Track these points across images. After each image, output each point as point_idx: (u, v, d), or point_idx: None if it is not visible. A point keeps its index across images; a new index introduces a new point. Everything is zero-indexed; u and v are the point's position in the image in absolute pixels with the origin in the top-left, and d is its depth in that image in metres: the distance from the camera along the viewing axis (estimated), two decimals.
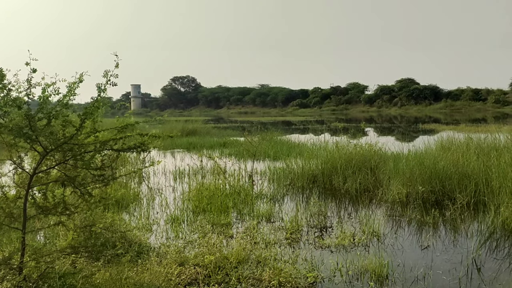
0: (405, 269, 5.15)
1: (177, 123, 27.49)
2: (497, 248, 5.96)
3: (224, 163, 12.08)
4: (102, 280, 4.25)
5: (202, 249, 5.61)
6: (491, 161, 8.62)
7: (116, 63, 3.91)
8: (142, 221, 7.25)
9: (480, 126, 26.60)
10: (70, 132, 4.04)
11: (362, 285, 4.74)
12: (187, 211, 7.86)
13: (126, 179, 10.83)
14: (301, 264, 5.30)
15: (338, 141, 12.02)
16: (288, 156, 13.47)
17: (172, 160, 15.53)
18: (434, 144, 12.16)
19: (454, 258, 5.55)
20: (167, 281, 4.48)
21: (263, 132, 21.20)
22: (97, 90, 3.94)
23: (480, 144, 10.96)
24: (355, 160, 10.24)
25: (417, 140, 21.19)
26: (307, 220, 7.27)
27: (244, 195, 8.80)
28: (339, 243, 6.07)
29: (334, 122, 41.08)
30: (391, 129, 34.69)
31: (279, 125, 39.64)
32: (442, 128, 29.75)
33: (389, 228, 6.92)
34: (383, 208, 8.14)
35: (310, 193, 9.60)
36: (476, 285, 4.75)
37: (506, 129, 19.82)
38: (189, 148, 19.19)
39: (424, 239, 6.35)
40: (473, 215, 7.53)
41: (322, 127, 35.62)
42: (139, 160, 13.34)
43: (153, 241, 6.23)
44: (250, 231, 6.61)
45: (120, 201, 8.23)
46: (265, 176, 11.58)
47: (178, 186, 10.66)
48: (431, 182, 8.48)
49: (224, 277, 4.87)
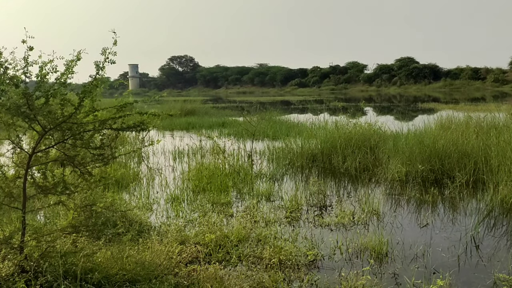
0: (405, 247, 5.18)
1: (176, 103, 27.37)
2: (495, 225, 6.00)
3: (223, 143, 12.06)
4: (104, 259, 4.27)
5: (203, 228, 5.63)
6: (490, 140, 8.61)
7: (114, 40, 3.86)
8: (142, 200, 7.26)
9: (479, 105, 26.53)
10: (69, 111, 4.00)
11: (361, 263, 4.77)
12: (187, 190, 7.88)
13: (126, 159, 10.82)
14: (301, 242, 5.33)
15: (337, 121, 11.99)
16: (287, 136, 13.45)
17: (171, 140, 15.51)
18: (434, 123, 12.13)
19: (453, 236, 5.58)
20: (168, 259, 4.50)
21: (262, 112, 21.13)
22: (95, 68, 3.89)
23: (480, 123, 10.96)
24: (355, 140, 10.23)
25: (417, 119, 21.15)
26: (307, 199, 7.29)
27: (243, 175, 8.81)
28: (339, 221, 6.09)
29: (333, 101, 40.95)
30: (390, 108, 34.62)
31: (278, 105, 39.50)
32: (442, 107, 29.67)
33: (388, 206, 6.95)
34: (383, 186, 8.16)
35: (310, 173, 9.61)
36: (475, 262, 4.79)
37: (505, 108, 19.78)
38: (188, 128, 19.15)
39: (423, 217, 6.39)
40: (472, 193, 7.55)
41: (321, 107, 35.52)
42: (138, 140, 13.32)
43: (153, 220, 6.25)
44: (250, 210, 6.63)
45: (120, 181, 8.24)
46: (264, 155, 11.58)
47: (178, 165, 10.67)
48: (430, 161, 8.49)
49: (224, 255, 4.89)
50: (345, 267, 4.69)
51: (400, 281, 4.34)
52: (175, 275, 4.30)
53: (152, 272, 4.14)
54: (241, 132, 15.41)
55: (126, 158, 10.87)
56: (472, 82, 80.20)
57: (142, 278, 4.05)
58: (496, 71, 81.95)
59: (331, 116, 19.33)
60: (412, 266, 4.67)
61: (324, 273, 4.54)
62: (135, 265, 4.17)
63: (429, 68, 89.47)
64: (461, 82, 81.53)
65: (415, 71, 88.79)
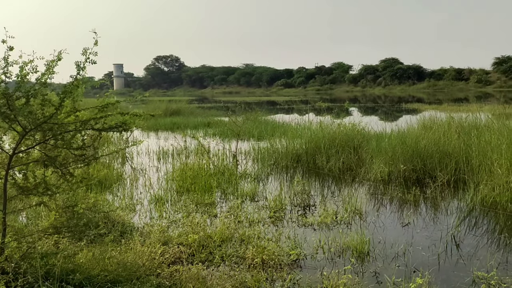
0: (386, 246, 5.24)
1: (161, 103, 27.25)
2: (476, 225, 6.10)
3: (208, 143, 12.05)
4: (85, 259, 4.25)
5: (186, 228, 5.63)
6: (472, 140, 8.75)
7: (95, 40, 3.84)
8: (125, 201, 7.23)
9: (462, 106, 26.84)
10: (50, 112, 3.97)
11: (343, 262, 4.82)
12: (171, 191, 7.86)
13: (109, 159, 10.75)
14: (284, 242, 5.36)
15: (322, 121, 12.06)
16: (273, 136, 13.48)
17: (156, 141, 15.44)
18: (417, 123, 12.28)
19: (434, 234, 5.66)
20: (150, 260, 4.49)
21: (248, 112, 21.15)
22: (76, 68, 3.87)
23: (461, 123, 11.11)
24: (339, 140, 10.30)
25: (400, 119, 21.37)
26: (291, 199, 7.33)
27: (228, 175, 8.82)
28: (322, 221, 6.14)
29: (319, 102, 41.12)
30: (374, 109, 34.91)
31: (263, 105, 39.57)
32: (425, 107, 30.01)
33: (371, 206, 7.02)
34: (366, 186, 8.24)
35: (294, 173, 9.66)
36: (455, 260, 4.86)
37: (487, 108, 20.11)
38: (173, 128, 19.08)
39: (405, 216, 6.47)
40: (453, 192, 7.67)
41: (307, 107, 35.66)
42: (122, 141, 13.23)
43: (136, 221, 6.23)
44: (234, 210, 6.65)
45: (103, 182, 8.18)
46: (249, 155, 11.60)
47: (162, 166, 10.63)
48: (412, 160, 8.60)
49: (207, 256, 4.90)
50: (327, 266, 4.73)
51: (381, 279, 4.39)
52: (158, 275, 4.29)
53: (134, 273, 4.13)
54: (226, 132, 15.42)
55: (109, 159, 10.80)
56: (455, 83, 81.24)
57: (124, 279, 4.04)
58: (479, 72, 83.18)
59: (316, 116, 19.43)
60: (393, 264, 4.73)
61: (306, 272, 4.58)
62: (117, 266, 4.16)
63: (413, 69, 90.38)
64: (444, 82, 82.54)
65: (400, 72, 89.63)
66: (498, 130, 8.32)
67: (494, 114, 15.44)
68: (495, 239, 5.56)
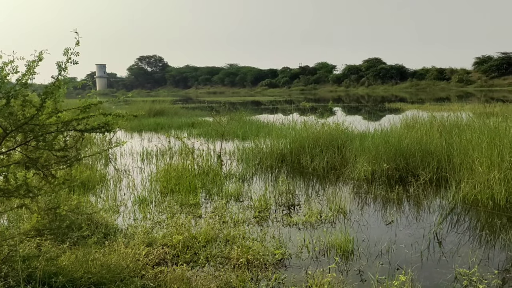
0: (370, 244, 5.29)
1: (144, 104, 27.08)
2: (457, 222, 6.18)
3: (192, 144, 12.01)
4: (68, 262, 4.20)
5: (171, 229, 5.60)
6: (453, 139, 8.87)
7: (76, 40, 3.80)
8: (109, 202, 7.16)
9: (443, 105, 27.25)
10: (31, 113, 3.91)
11: (328, 261, 4.85)
12: (155, 192, 7.82)
13: (92, 160, 10.65)
14: (269, 241, 5.37)
15: (306, 121, 12.11)
16: (257, 136, 13.50)
17: (140, 141, 15.33)
18: (399, 122, 12.41)
19: (416, 232, 5.72)
20: (134, 261, 4.46)
21: (232, 112, 21.14)
22: (57, 68, 3.82)
23: (443, 123, 11.26)
24: (323, 139, 10.36)
25: (383, 119, 21.57)
26: (276, 198, 7.35)
27: (212, 175, 8.80)
28: (307, 220, 6.17)
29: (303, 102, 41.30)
30: (358, 109, 35.17)
31: (248, 105, 39.56)
32: (408, 107, 30.34)
33: (355, 205, 7.07)
34: (350, 185, 8.30)
35: (279, 172, 9.68)
36: (437, 258, 4.93)
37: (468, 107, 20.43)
38: (157, 129, 18.96)
39: (389, 214, 6.53)
40: (435, 191, 7.77)
41: (291, 107, 35.76)
42: (105, 142, 13.11)
43: (120, 223, 6.17)
44: (219, 211, 6.64)
45: (86, 183, 8.10)
46: (234, 156, 11.60)
47: (146, 167, 10.56)
48: (395, 159, 8.69)
49: (192, 256, 4.89)
50: (312, 265, 4.75)
51: (364, 277, 4.43)
52: (142, 277, 4.26)
53: (118, 275, 4.09)
54: (210, 132, 15.38)
55: (92, 160, 10.70)
56: (437, 83, 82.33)
57: (108, 281, 4.00)
58: (460, 71, 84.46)
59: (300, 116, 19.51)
60: (376, 262, 4.77)
61: (291, 271, 4.59)
62: (100, 268, 4.12)
63: (396, 68, 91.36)
64: (426, 82, 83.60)
65: (383, 71, 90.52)
66: (478, 129, 8.46)
67: (475, 113, 15.70)
68: (476, 236, 5.64)
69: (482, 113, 15.12)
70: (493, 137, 7.42)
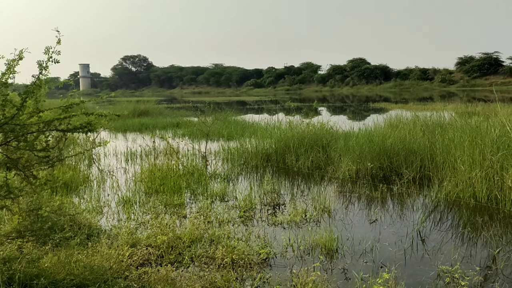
0: (354, 243, 5.32)
1: (129, 104, 26.87)
2: (440, 220, 6.26)
3: (177, 144, 11.96)
4: (50, 264, 4.14)
5: (155, 229, 5.56)
6: (436, 138, 8.97)
7: (58, 39, 3.75)
8: (92, 203, 7.08)
9: (427, 105, 27.55)
10: (11, 112, 3.85)
11: (313, 259, 4.86)
12: (139, 192, 7.76)
13: (75, 161, 10.53)
14: (254, 241, 5.36)
15: (291, 121, 12.14)
16: (242, 136, 13.49)
17: (124, 142, 15.21)
18: (383, 122, 12.51)
19: (400, 230, 5.78)
20: (118, 262, 4.42)
21: (217, 112, 21.08)
22: (38, 67, 3.77)
23: (426, 122, 11.39)
24: (308, 139, 10.40)
25: (368, 118, 21.74)
26: (261, 198, 7.35)
27: (197, 175, 8.77)
28: (291, 219, 6.18)
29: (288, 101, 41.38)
30: (343, 108, 35.39)
31: (233, 105, 39.53)
32: (392, 106, 30.62)
33: (339, 204, 7.11)
34: (334, 184, 8.35)
35: (264, 172, 9.69)
36: (420, 255, 4.98)
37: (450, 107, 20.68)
38: (141, 129, 18.82)
39: (373, 213, 6.58)
40: (418, 189, 7.85)
41: (276, 107, 35.82)
42: (89, 142, 12.98)
43: (104, 224, 6.11)
44: (204, 211, 6.61)
45: (69, 184, 8.00)
46: (219, 156, 11.57)
47: (130, 167, 10.48)
48: (379, 158, 8.76)
49: (177, 257, 4.86)
50: (297, 264, 4.76)
51: (349, 276, 4.45)
52: (126, 278, 4.23)
53: (101, 276, 4.05)
54: (195, 132, 15.32)
55: (76, 161, 10.58)
56: (420, 83, 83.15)
57: (91, 282, 3.96)
58: (443, 71, 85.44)
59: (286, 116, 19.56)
60: (360, 261, 4.80)
61: (276, 270, 4.60)
62: (83, 270, 4.07)
63: (380, 68, 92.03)
64: (410, 82, 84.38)
65: (367, 71, 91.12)
66: (460, 128, 8.56)
67: (457, 113, 15.91)
68: (459, 234, 5.71)
69: (464, 113, 15.32)
70: (475, 136, 7.52)
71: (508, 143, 7.14)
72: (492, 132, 7.53)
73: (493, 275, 4.46)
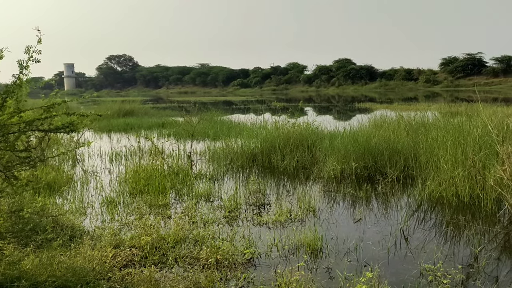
0: (338, 242, 5.35)
1: (114, 104, 26.61)
2: (424, 219, 6.32)
3: (162, 144, 11.90)
4: (32, 265, 4.09)
5: (139, 230, 5.53)
6: (419, 138, 9.06)
7: (38, 38, 3.70)
8: (75, 204, 7.01)
9: (411, 105, 27.83)
10: None
11: (297, 259, 4.87)
12: (123, 193, 7.69)
13: (59, 161, 10.41)
14: (239, 241, 5.36)
15: (277, 121, 12.16)
16: (228, 136, 13.47)
17: (108, 142, 15.08)
18: (368, 122, 12.59)
19: (384, 229, 5.82)
20: (101, 264, 4.38)
21: (203, 112, 21.02)
22: (18, 67, 3.72)
23: (410, 122, 11.48)
24: (293, 139, 10.44)
25: (353, 118, 21.87)
26: (246, 198, 7.34)
27: (182, 176, 8.73)
28: (277, 219, 6.19)
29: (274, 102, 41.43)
30: (328, 108, 35.55)
31: (219, 105, 39.46)
32: (377, 106, 30.84)
33: (324, 203, 7.14)
34: (319, 184, 8.38)
35: (250, 172, 9.68)
36: (404, 254, 5.02)
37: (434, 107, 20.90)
38: (127, 129, 18.66)
39: (357, 212, 6.62)
40: (402, 188, 7.92)
41: (262, 107, 35.86)
42: (73, 142, 12.84)
43: (87, 225, 6.05)
44: (189, 211, 6.59)
45: (52, 185, 7.91)
46: (204, 156, 11.53)
47: (114, 168, 10.39)
48: (364, 158, 8.81)
49: (161, 258, 4.83)
50: (281, 263, 4.77)
51: (333, 275, 4.47)
52: (109, 279, 4.19)
53: (84, 278, 4.01)
54: (180, 132, 15.25)
55: (59, 161, 10.46)
56: (405, 83, 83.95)
57: (73, 284, 3.91)
58: (428, 72, 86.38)
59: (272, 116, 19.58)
60: (345, 260, 4.83)
61: (260, 270, 4.60)
62: (65, 271, 4.03)
63: (365, 69, 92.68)
64: (395, 82, 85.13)
65: (352, 72, 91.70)
66: (444, 127, 8.66)
67: (441, 113, 16.08)
68: (441, 232, 5.78)
69: (448, 113, 15.49)
70: (458, 136, 7.61)
71: (490, 143, 7.24)
72: (475, 132, 7.63)
73: (475, 273, 4.52)
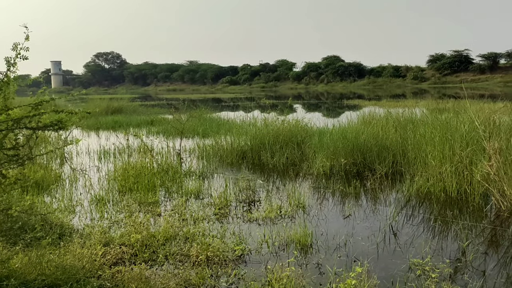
0: (328, 238, 5.39)
1: (102, 101, 26.39)
2: (412, 214, 6.38)
3: (151, 142, 11.85)
4: (21, 264, 4.06)
5: (129, 228, 5.51)
6: (408, 134, 9.14)
7: (26, 35, 3.67)
8: (64, 202, 6.96)
9: (399, 101, 28.03)
10: None
11: (287, 255, 4.90)
12: (112, 191, 7.66)
13: (47, 160, 10.33)
14: (229, 238, 5.37)
15: (266, 118, 12.17)
16: (217, 133, 13.46)
17: (97, 140, 14.98)
18: (357, 118, 12.67)
19: (373, 225, 5.87)
20: (91, 262, 4.36)
21: (192, 109, 20.96)
22: (6, 64, 3.69)
23: (398, 118, 11.56)
24: (283, 136, 10.47)
25: (342, 115, 21.97)
26: (236, 195, 7.35)
27: (172, 173, 8.71)
28: (267, 216, 6.21)
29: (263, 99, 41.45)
30: (317, 105, 35.64)
31: (209, 102, 39.35)
32: (365, 103, 31.02)
33: (314, 199, 7.17)
34: (309, 180, 8.42)
35: (239, 169, 9.69)
36: (392, 249, 5.07)
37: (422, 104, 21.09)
38: (115, 127, 18.54)
39: (346, 208, 6.67)
40: (391, 184, 7.99)
41: (252, 104, 35.86)
42: (61, 140, 12.74)
43: (76, 223, 6.02)
44: (179, 208, 6.58)
45: (40, 183, 7.84)
46: (194, 153, 11.52)
47: (103, 166, 10.33)
48: (353, 154, 8.87)
49: (151, 255, 4.83)
50: (272, 260, 4.79)
51: (323, 270, 4.51)
52: (98, 277, 4.18)
53: (74, 276, 3.99)
54: (170, 130, 15.21)
55: (47, 159, 10.37)
56: (393, 80, 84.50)
57: (63, 282, 3.90)
58: (415, 69, 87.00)
59: (261, 113, 19.59)
60: (334, 255, 4.87)
61: (251, 267, 4.61)
62: (55, 270, 4.01)
63: (354, 66, 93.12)
64: (383, 79, 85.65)
65: (341, 69, 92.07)
66: (431, 124, 8.73)
67: (428, 109, 16.20)
68: (430, 228, 5.84)
69: (435, 109, 15.63)
70: (445, 132, 7.69)
71: (477, 139, 7.32)
72: (462, 128, 7.71)
73: (463, 267, 4.58)
